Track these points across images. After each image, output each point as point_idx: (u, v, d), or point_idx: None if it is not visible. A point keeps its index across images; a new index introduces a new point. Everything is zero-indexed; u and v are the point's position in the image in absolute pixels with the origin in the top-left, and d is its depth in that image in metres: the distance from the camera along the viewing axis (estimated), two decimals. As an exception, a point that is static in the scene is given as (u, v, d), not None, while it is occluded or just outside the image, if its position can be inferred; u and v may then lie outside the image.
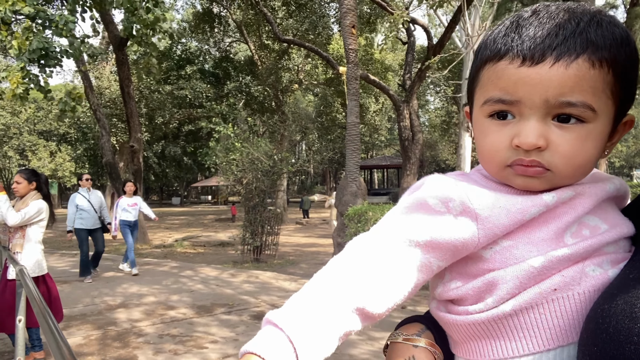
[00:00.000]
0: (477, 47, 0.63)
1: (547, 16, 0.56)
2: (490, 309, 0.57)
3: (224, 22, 21.90)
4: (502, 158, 0.58)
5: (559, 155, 0.55)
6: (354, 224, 7.22)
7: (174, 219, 25.39)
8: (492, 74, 0.57)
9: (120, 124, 19.57)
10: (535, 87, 0.54)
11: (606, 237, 0.57)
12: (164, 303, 6.47)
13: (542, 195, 0.58)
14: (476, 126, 0.62)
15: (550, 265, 0.55)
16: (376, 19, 18.93)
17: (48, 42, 8.21)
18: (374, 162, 34.87)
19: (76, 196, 8.00)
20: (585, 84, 0.53)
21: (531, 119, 0.55)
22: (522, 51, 0.54)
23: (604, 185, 0.62)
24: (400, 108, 13.68)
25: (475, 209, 0.57)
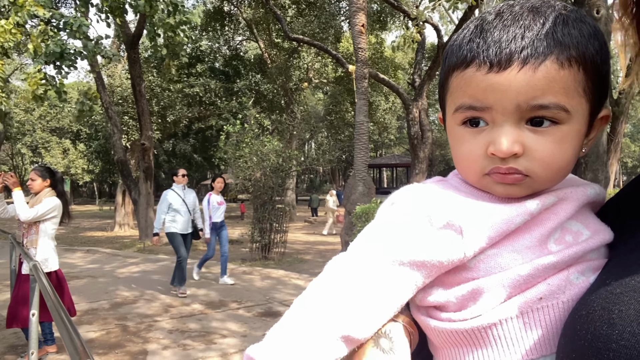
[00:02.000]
0: (444, 52, 0.61)
1: (511, 18, 0.54)
2: (474, 317, 0.55)
3: (234, 20, 21.98)
4: (479, 167, 0.56)
5: (536, 161, 0.54)
6: (362, 223, 7.23)
7: (184, 216, 25.54)
8: (460, 81, 0.56)
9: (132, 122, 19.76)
10: (505, 93, 0.52)
11: (590, 244, 0.56)
12: (175, 299, 6.55)
13: (525, 203, 0.56)
14: (450, 134, 0.60)
15: (536, 273, 0.54)
16: (386, 17, 18.87)
17: (64, 44, 8.34)
18: (382, 160, 34.77)
19: (168, 194, 6.82)
20: (556, 85, 0.52)
21: (504, 126, 0.53)
22: (488, 57, 0.53)
23: (585, 190, 0.60)
24: (410, 107, 13.64)
25: (460, 222, 0.55)
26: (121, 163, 14.35)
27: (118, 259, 10.57)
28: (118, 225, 17.81)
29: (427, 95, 14.95)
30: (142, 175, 14.15)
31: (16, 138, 33.61)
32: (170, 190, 6.87)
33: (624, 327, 0.44)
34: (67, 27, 8.34)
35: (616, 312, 0.45)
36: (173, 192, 6.85)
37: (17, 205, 4.22)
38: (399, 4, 13.54)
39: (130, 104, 19.14)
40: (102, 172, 33.04)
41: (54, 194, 4.44)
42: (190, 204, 6.95)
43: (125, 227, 17.80)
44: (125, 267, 9.35)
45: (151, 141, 14.26)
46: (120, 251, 11.91)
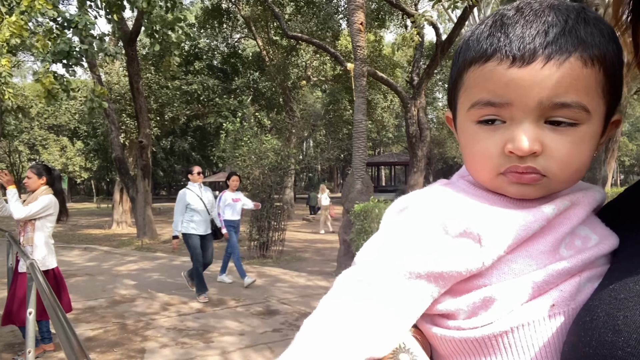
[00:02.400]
0: (458, 48, 0.59)
1: (533, 14, 0.53)
2: (485, 325, 0.53)
3: (232, 17, 21.93)
4: (494, 166, 0.54)
5: (554, 160, 0.52)
6: (360, 221, 7.24)
7: (182, 214, 25.56)
8: (478, 75, 0.54)
9: (130, 120, 19.72)
10: (528, 89, 0.51)
11: (601, 249, 0.55)
12: (174, 297, 6.55)
13: (541, 208, 0.55)
14: (462, 132, 0.58)
15: (550, 279, 0.52)
16: (385, 15, 18.85)
17: (71, 43, 8.37)
18: (381, 159, 34.80)
19: (186, 193, 6.39)
20: (579, 83, 0.51)
21: (524, 123, 0.52)
22: (511, 51, 0.51)
23: (594, 195, 0.59)
24: (408, 105, 13.64)
25: (478, 230, 0.52)
26: (119, 161, 14.32)
27: (116, 256, 10.56)
28: (116, 223, 17.79)
29: (426, 94, 14.95)
30: (140, 173, 14.12)
31: (13, 135, 33.50)
32: (187, 190, 6.43)
33: (630, 334, 0.43)
34: (72, 26, 8.34)
35: (621, 318, 0.44)
36: (190, 192, 6.41)
37: (10, 204, 4.21)
38: (397, 2, 13.52)
39: (127, 101, 19.10)
40: (99, 169, 32.98)
41: (50, 192, 4.43)
42: (209, 203, 6.57)
43: (123, 224, 17.78)
44: (123, 265, 9.34)
45: (149, 139, 14.23)
46: (118, 249, 11.89)
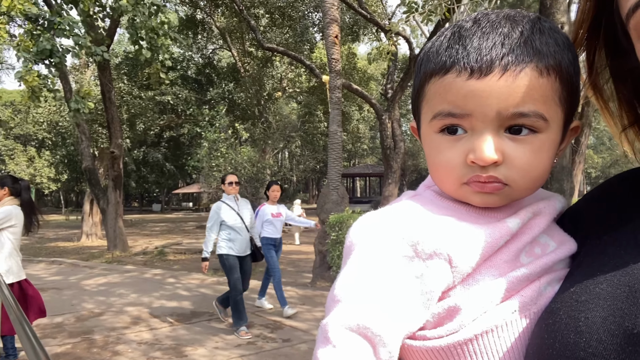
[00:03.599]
0: (419, 59, 0.60)
1: (490, 25, 0.54)
2: (450, 334, 0.53)
3: (207, 28, 21.87)
4: (457, 176, 0.55)
5: (515, 169, 0.54)
6: (335, 232, 7.26)
7: (154, 225, 25.05)
8: (438, 87, 0.55)
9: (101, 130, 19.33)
10: (486, 100, 0.52)
11: (558, 254, 0.57)
12: (145, 311, 6.39)
13: (507, 223, 0.56)
14: (426, 143, 0.59)
15: (511, 287, 0.54)
16: (359, 29, 19.14)
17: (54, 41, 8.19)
18: (356, 170, 35.05)
19: (221, 207, 5.48)
20: (536, 93, 0.52)
21: (485, 133, 0.53)
22: (468, 63, 0.52)
23: (555, 204, 0.61)
24: (383, 117, 13.82)
25: (448, 250, 0.53)
26: (89, 171, 13.98)
27: (84, 270, 10.26)
28: (85, 235, 17.30)
29: (400, 106, 15.19)
30: (111, 183, 13.82)
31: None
32: (222, 203, 5.51)
33: (591, 335, 0.44)
34: (54, 26, 8.17)
35: (582, 319, 0.45)
36: (225, 205, 5.49)
37: None
38: (372, 16, 13.77)
39: (99, 111, 18.74)
40: (68, 180, 32.08)
41: (15, 202, 4.29)
42: (247, 219, 5.61)
43: (93, 237, 17.30)
44: (91, 278, 9.07)
45: (121, 149, 13.97)
46: (87, 262, 11.56)
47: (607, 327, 0.44)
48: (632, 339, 0.42)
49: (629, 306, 0.44)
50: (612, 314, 0.44)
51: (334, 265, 7.44)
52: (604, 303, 0.45)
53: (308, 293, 7.53)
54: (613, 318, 0.44)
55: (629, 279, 0.46)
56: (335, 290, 0.51)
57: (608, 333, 0.43)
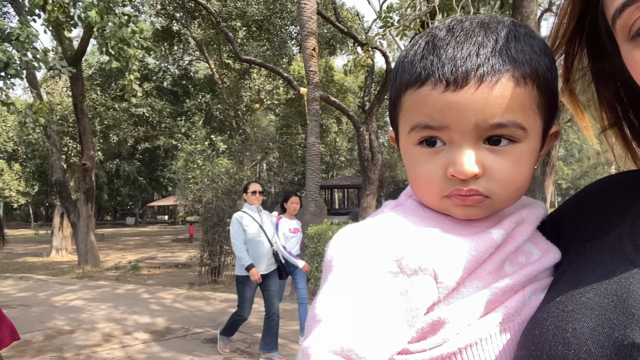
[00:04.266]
0: (394, 69, 0.59)
1: (464, 34, 0.53)
2: (433, 348, 0.52)
3: (183, 40, 21.74)
4: (438, 189, 0.54)
5: (496, 181, 0.52)
6: (314, 244, 7.22)
7: (128, 239, 24.49)
8: (415, 100, 0.53)
9: (72, 142, 18.90)
10: (464, 113, 0.50)
11: (543, 264, 0.56)
12: (117, 327, 6.19)
13: (491, 234, 0.55)
14: (405, 155, 0.58)
15: (495, 298, 0.53)
16: (336, 43, 19.35)
17: (10, 53, 7.93)
18: (334, 182, 35.12)
19: (242, 217, 4.96)
20: (513, 103, 0.51)
21: (463, 146, 0.52)
22: (444, 75, 0.51)
23: (536, 211, 0.60)
24: (360, 129, 13.94)
25: (433, 266, 0.51)
26: (59, 184, 13.61)
27: (54, 286, 9.92)
28: (55, 250, 16.78)
29: (377, 118, 15.36)
30: (83, 197, 13.48)
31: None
32: (243, 213, 5.01)
33: (580, 347, 0.43)
34: (12, 38, 7.94)
35: (570, 330, 0.44)
36: (247, 216, 4.98)
37: None
38: (348, 30, 13.95)
39: (71, 123, 18.34)
40: (38, 194, 31.16)
41: (-18, 217, 4.12)
42: (270, 232, 5.09)
43: (63, 252, 16.79)
44: (61, 294, 8.77)
45: (93, 161, 13.67)
46: (57, 278, 11.19)
47: (596, 338, 0.42)
48: (622, 350, 0.41)
49: (618, 316, 0.43)
50: (601, 324, 0.43)
51: (312, 278, 7.39)
52: (591, 313, 0.44)
53: (286, 306, 7.44)
54: (602, 329, 0.43)
55: (617, 287, 0.45)
56: (317, 309, 0.49)
57: (597, 344, 0.42)
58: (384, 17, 9.61)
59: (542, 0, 14.78)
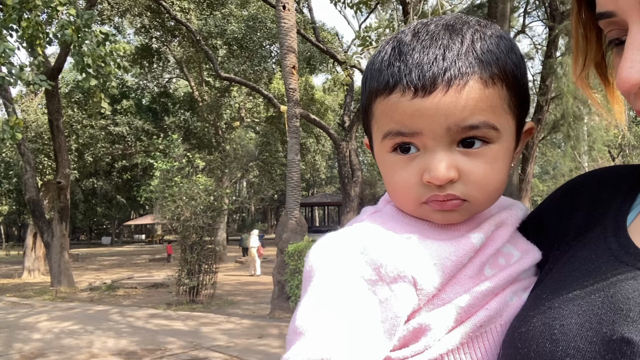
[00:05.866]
0: (364, 76, 0.58)
1: (429, 38, 0.52)
2: (415, 355, 0.51)
3: (163, 57, 21.69)
4: (415, 196, 0.53)
5: (472, 184, 0.52)
6: (294, 261, 7.16)
7: (104, 259, 23.88)
8: (385, 107, 0.53)
9: (47, 160, 18.49)
10: (434, 117, 0.50)
11: (522, 264, 0.56)
12: (88, 350, 5.98)
13: (470, 239, 0.54)
14: (380, 162, 0.57)
15: (476, 302, 0.52)
16: (316, 62, 19.58)
17: None
18: (314, 199, 35.10)
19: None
20: (483, 104, 0.50)
21: (437, 151, 0.51)
22: (412, 82, 0.50)
23: (516, 212, 0.60)
24: (340, 147, 14.02)
25: (412, 273, 0.50)
26: (33, 203, 13.26)
27: (25, 307, 9.57)
28: (27, 271, 16.25)
29: (356, 136, 15.50)
30: (57, 215, 13.13)
31: None
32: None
33: (568, 343, 0.42)
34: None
35: (558, 327, 0.44)
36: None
37: None
38: (328, 49, 14.13)
39: (46, 141, 17.98)
40: (10, 213, 30.27)
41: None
42: None
43: (36, 272, 16.28)
44: (32, 316, 8.46)
45: (68, 179, 13.38)
46: (28, 299, 10.80)
47: (584, 334, 0.42)
48: (611, 345, 0.41)
49: (606, 312, 0.43)
50: (589, 320, 0.43)
51: (293, 295, 7.30)
52: (579, 309, 0.44)
53: (266, 324, 7.32)
54: (590, 324, 0.43)
55: (604, 284, 0.45)
56: (297, 321, 0.48)
57: (585, 340, 0.42)
58: (362, 37, 9.78)
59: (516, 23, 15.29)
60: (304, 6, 16.54)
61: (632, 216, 0.51)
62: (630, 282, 0.44)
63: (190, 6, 17.57)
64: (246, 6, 18.47)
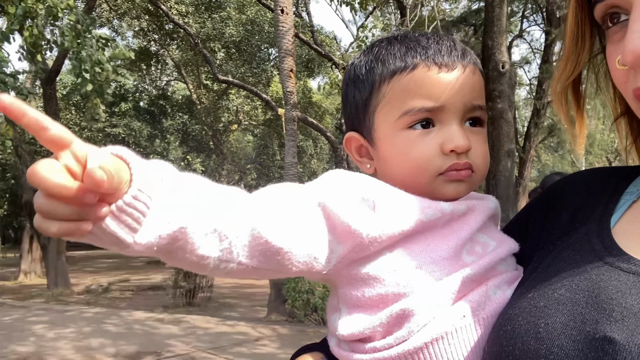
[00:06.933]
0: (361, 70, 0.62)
1: (432, 36, 0.62)
2: (400, 343, 0.53)
3: (161, 60, 21.68)
4: (435, 167, 0.57)
5: (478, 156, 0.59)
6: (291, 264, 7.14)
7: (101, 262, 23.78)
8: (407, 83, 0.58)
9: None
10: (457, 91, 0.57)
11: (499, 253, 0.58)
12: (85, 353, 5.95)
13: (439, 204, 0.57)
14: (390, 143, 0.60)
15: (456, 287, 0.53)
16: (314, 65, 19.59)
17: None
18: (312, 203, 35.05)
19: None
20: (482, 90, 0.60)
21: (453, 124, 0.58)
22: (435, 59, 0.58)
23: (488, 203, 0.63)
24: (338, 150, 14.03)
25: (375, 199, 0.55)
26: (30, 205, 13.20)
27: (19, 310, 9.52)
28: (23, 273, 16.16)
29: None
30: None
31: None
32: None
33: (552, 341, 0.43)
34: None
35: (542, 325, 0.45)
36: None
37: None
38: (326, 52, 14.15)
39: (44, 142, 17.92)
40: (7, 215, 30.13)
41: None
42: None
43: (32, 275, 16.20)
44: (28, 318, 8.42)
45: (66, 181, 13.33)
46: (24, 302, 10.75)
47: (568, 332, 0.43)
48: (594, 344, 0.41)
49: (590, 311, 0.43)
50: (573, 319, 0.44)
51: (290, 298, 7.29)
52: (563, 308, 0.45)
53: (263, 327, 7.30)
54: (574, 323, 0.43)
55: (588, 284, 0.46)
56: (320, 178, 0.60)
57: (569, 339, 0.43)
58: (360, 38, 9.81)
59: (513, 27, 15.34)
60: (302, 10, 16.57)
61: (616, 217, 0.52)
62: (613, 282, 0.45)
63: (188, 9, 17.57)
64: (244, 10, 18.48)
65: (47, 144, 0.41)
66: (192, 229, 0.45)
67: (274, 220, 0.50)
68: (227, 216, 0.47)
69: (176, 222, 0.44)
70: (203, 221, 0.46)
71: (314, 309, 7.06)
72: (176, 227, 0.44)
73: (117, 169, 0.42)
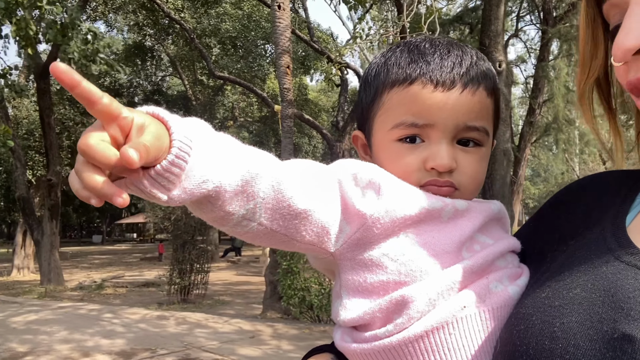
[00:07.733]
0: (372, 71, 0.64)
1: (445, 47, 0.61)
2: (400, 330, 0.54)
3: (156, 55, 21.56)
4: (415, 179, 0.60)
5: (465, 176, 0.60)
6: (287, 261, 7.14)
7: (94, 258, 23.69)
8: (403, 97, 0.60)
9: (38, 157, 18.31)
10: (449, 112, 0.58)
11: (497, 247, 0.59)
12: (78, 349, 5.93)
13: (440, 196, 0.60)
14: (382, 149, 0.63)
15: (455, 278, 0.54)
16: (310, 62, 19.55)
17: None
18: (307, 200, 35.09)
19: None
20: (484, 110, 0.61)
21: (442, 143, 0.59)
22: (434, 77, 0.58)
23: (489, 205, 0.64)
24: (334, 147, 14.01)
25: (380, 184, 0.57)
26: (23, 200, 13.13)
27: (12, 306, 9.46)
28: (16, 269, 16.07)
29: (350, 137, 15.50)
30: (47, 213, 13.01)
31: None
32: None
33: (568, 341, 0.43)
34: None
35: (557, 325, 0.44)
36: None
37: None
38: (322, 49, 14.13)
39: (37, 137, 17.80)
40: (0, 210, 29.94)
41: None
42: None
43: (25, 270, 16.10)
44: (20, 315, 8.37)
45: (59, 177, 13.25)
46: (17, 298, 10.69)
47: (585, 332, 0.43)
48: (612, 343, 0.41)
49: (607, 310, 0.43)
50: (589, 318, 0.43)
51: (285, 296, 7.28)
52: (579, 308, 0.44)
53: (258, 324, 7.30)
54: (590, 323, 0.43)
55: (604, 282, 0.45)
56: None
57: (586, 338, 0.42)
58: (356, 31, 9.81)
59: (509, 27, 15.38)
60: (299, 6, 16.52)
61: (632, 216, 0.52)
62: (630, 281, 0.44)
63: (184, 4, 17.46)
64: (241, 5, 18.40)
65: (97, 115, 0.43)
66: (224, 187, 0.48)
67: (299, 185, 0.53)
68: (257, 178, 0.50)
69: (211, 181, 0.47)
70: (234, 180, 0.49)
71: (309, 306, 7.06)
72: (211, 186, 0.48)
73: (157, 136, 0.44)
